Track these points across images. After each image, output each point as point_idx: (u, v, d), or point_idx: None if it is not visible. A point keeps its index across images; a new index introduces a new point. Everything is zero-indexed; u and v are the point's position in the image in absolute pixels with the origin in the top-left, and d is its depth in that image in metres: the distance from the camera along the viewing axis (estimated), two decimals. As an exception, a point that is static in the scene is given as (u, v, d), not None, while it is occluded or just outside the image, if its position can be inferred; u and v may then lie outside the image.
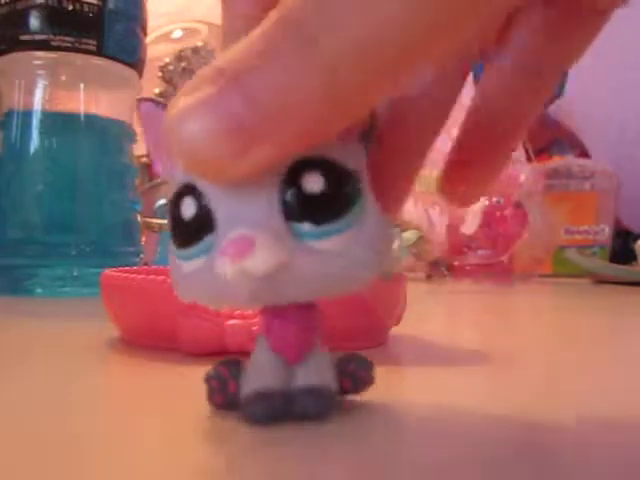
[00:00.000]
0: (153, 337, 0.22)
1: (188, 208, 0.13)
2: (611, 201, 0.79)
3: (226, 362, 0.14)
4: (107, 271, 0.24)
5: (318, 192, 0.12)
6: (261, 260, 0.11)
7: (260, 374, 0.14)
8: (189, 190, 0.13)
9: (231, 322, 0.20)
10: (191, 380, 0.17)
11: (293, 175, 0.12)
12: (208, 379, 0.14)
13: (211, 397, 0.14)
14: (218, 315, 0.21)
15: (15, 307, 0.38)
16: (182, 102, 0.11)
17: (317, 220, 0.12)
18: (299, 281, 0.12)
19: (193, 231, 0.13)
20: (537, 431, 0.14)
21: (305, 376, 0.14)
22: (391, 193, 0.15)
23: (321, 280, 0.12)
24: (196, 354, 0.20)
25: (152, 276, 0.22)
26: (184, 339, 0.21)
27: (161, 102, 0.15)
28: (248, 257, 0.11)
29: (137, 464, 0.12)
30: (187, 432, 0.13)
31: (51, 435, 0.13)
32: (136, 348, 0.22)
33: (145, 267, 0.33)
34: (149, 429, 0.14)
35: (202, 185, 0.12)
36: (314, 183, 0.12)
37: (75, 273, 0.42)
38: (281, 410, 0.13)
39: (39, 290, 0.42)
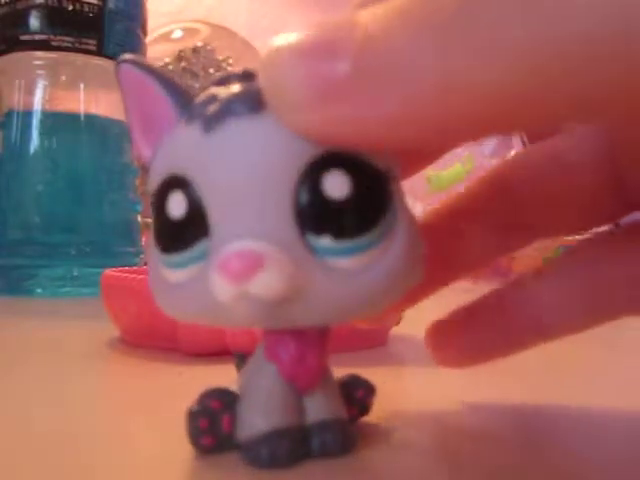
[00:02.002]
0: (153, 337, 0.22)
1: (177, 205, 0.10)
2: (611, 201, 0.79)
3: (213, 393, 0.12)
4: (107, 271, 0.24)
5: (342, 198, 0.10)
6: (269, 283, 0.09)
7: (270, 407, 0.11)
8: (178, 182, 0.10)
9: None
10: (191, 380, 0.17)
11: (313, 173, 0.10)
12: (193, 417, 0.11)
13: (196, 439, 0.12)
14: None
15: (15, 307, 0.38)
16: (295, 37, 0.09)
17: (339, 234, 0.10)
18: (314, 306, 0.10)
19: (183, 234, 0.10)
20: (537, 431, 0.14)
21: (319, 407, 0.12)
22: None
23: (339, 305, 0.10)
24: (196, 354, 0.20)
25: (152, 276, 0.22)
26: (184, 339, 0.21)
27: (144, 63, 0.12)
28: (253, 279, 0.09)
29: (137, 464, 0.12)
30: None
31: (51, 435, 0.13)
32: (136, 348, 0.22)
33: (145, 267, 0.33)
34: (149, 429, 0.14)
35: (195, 176, 0.10)
36: (338, 186, 0.10)
37: (75, 273, 0.42)
38: (300, 449, 0.11)
39: (39, 290, 0.42)
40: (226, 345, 0.20)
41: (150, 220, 0.11)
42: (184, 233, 0.10)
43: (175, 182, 0.10)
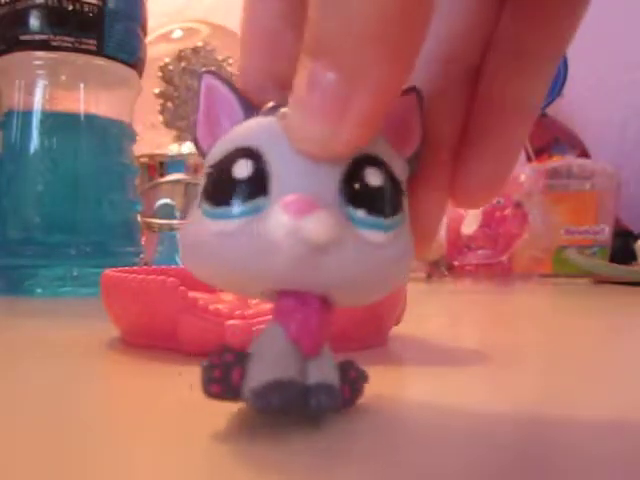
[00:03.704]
0: (153, 337, 0.22)
1: (242, 168, 0.13)
2: (611, 201, 0.79)
3: (229, 348, 0.13)
4: (107, 271, 0.24)
5: (376, 185, 0.13)
6: (321, 223, 0.12)
7: (277, 362, 0.13)
8: (247, 153, 0.13)
9: (231, 322, 0.20)
10: (191, 380, 0.16)
11: (356, 165, 0.13)
12: (208, 367, 0.13)
13: (207, 387, 0.13)
14: (218, 315, 0.21)
15: (15, 307, 0.38)
16: (293, 101, 0.12)
17: (372, 210, 0.12)
18: (343, 266, 0.12)
19: (243, 190, 0.12)
20: (537, 431, 0.14)
21: (318, 372, 0.13)
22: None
23: (362, 270, 0.13)
24: (196, 354, 0.20)
25: (152, 276, 0.22)
26: (184, 339, 0.21)
27: (222, 75, 0.15)
28: (309, 216, 0.12)
29: (137, 464, 0.12)
30: (187, 432, 0.13)
31: (50, 435, 0.13)
32: (136, 348, 0.22)
33: (145, 267, 0.33)
34: (149, 429, 0.14)
35: (265, 149, 0.13)
36: (375, 177, 0.13)
37: (75, 273, 0.42)
38: (297, 402, 0.13)
39: (39, 290, 0.42)
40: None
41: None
42: (246, 190, 0.12)
43: (242, 152, 0.13)
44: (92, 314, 0.31)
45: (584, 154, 0.92)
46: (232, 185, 0.13)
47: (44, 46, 0.43)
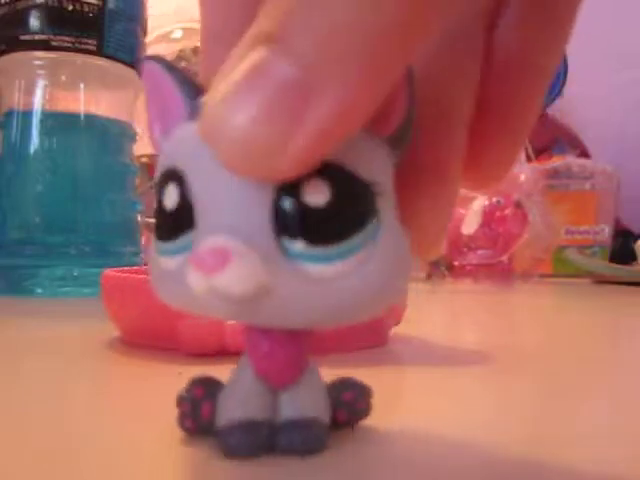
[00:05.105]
0: (153, 337, 0.22)
1: (170, 197, 0.11)
2: (611, 201, 0.79)
3: (202, 381, 0.13)
4: (107, 271, 0.24)
5: (320, 205, 0.10)
6: (234, 279, 0.09)
7: (242, 400, 0.12)
8: (174, 176, 0.11)
9: (231, 322, 0.20)
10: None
11: (294, 180, 0.10)
12: (180, 401, 0.13)
13: (181, 421, 0.13)
14: (218, 315, 0.20)
15: (15, 307, 0.38)
16: (223, 87, 0.09)
17: (314, 239, 0.10)
18: (285, 308, 0.10)
19: (174, 224, 0.11)
20: (537, 431, 0.14)
21: (293, 405, 0.12)
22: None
23: (307, 309, 0.10)
24: (196, 354, 0.20)
25: (152, 276, 0.22)
26: (184, 339, 0.21)
27: (167, 62, 0.13)
28: (220, 274, 0.09)
29: (136, 464, 0.12)
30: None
31: (50, 435, 0.13)
32: (136, 348, 0.22)
33: (145, 267, 0.33)
34: (148, 429, 0.14)
35: (188, 171, 0.11)
36: (317, 194, 0.10)
37: (75, 273, 0.42)
38: (265, 443, 0.12)
39: (39, 290, 0.42)
40: (226, 345, 0.20)
41: (150, 220, 0.12)
42: (175, 223, 0.11)
43: (172, 175, 0.11)
44: (92, 314, 0.31)
45: (584, 154, 0.92)
46: (164, 217, 0.11)
47: (44, 46, 0.43)
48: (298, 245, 0.10)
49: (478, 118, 0.13)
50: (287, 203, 0.10)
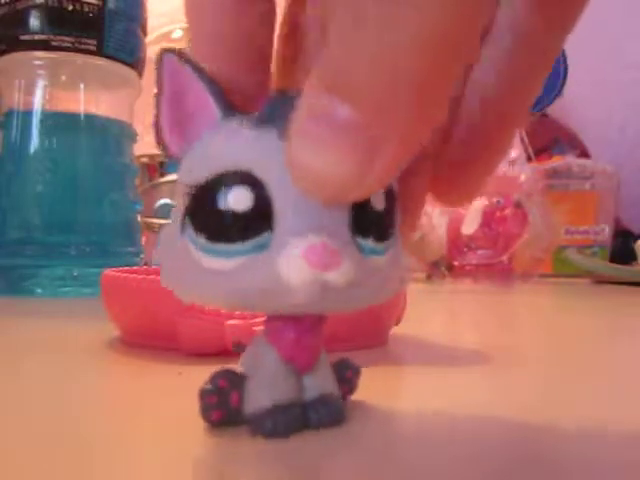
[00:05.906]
0: (153, 337, 0.22)
1: (241, 199, 0.11)
2: (611, 201, 0.79)
3: (223, 373, 0.13)
4: (107, 271, 0.24)
5: (381, 209, 0.12)
6: (345, 275, 0.11)
7: (272, 385, 0.13)
8: (244, 179, 0.11)
9: (231, 322, 0.20)
10: (191, 380, 0.16)
11: None
12: (205, 395, 0.13)
13: (207, 414, 0.13)
14: (218, 315, 0.20)
15: (15, 307, 0.38)
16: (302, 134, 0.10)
17: (379, 237, 0.12)
18: (357, 296, 0.12)
19: (245, 226, 0.11)
20: (537, 431, 0.14)
21: (315, 385, 0.13)
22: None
23: (370, 294, 0.12)
24: (196, 354, 0.20)
25: (152, 276, 0.22)
26: (184, 339, 0.21)
27: (186, 57, 0.12)
28: (334, 270, 0.11)
29: (136, 464, 0.12)
30: (187, 432, 0.13)
31: (50, 435, 0.13)
32: (136, 348, 0.22)
33: (145, 267, 0.33)
34: (149, 429, 0.14)
35: (268, 177, 0.11)
36: (380, 200, 0.12)
37: (75, 273, 0.42)
38: (299, 422, 0.13)
39: (39, 290, 0.42)
40: (226, 345, 0.20)
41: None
42: (248, 225, 0.11)
43: (238, 177, 0.11)
44: (92, 314, 0.31)
45: (584, 154, 0.92)
46: (231, 219, 0.11)
47: (44, 46, 0.43)
48: (369, 242, 0.12)
49: (443, 150, 0.14)
50: (363, 208, 0.12)
